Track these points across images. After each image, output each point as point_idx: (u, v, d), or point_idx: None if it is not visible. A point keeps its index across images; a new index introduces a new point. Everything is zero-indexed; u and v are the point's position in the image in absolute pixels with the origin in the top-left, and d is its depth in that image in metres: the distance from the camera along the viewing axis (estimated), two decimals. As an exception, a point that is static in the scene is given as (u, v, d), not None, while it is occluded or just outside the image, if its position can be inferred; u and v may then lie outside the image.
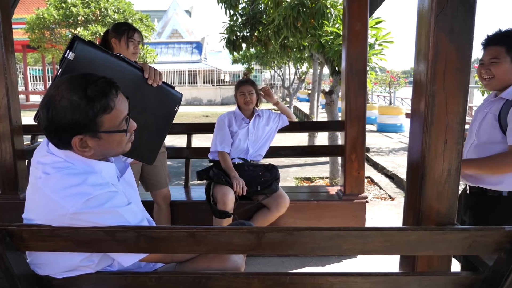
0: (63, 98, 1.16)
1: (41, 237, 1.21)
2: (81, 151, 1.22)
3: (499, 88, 1.80)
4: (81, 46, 1.41)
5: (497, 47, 1.75)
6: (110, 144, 1.26)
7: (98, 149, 1.25)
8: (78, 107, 1.16)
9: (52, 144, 1.24)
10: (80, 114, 1.16)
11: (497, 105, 1.77)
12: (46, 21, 9.81)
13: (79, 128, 1.18)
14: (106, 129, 1.22)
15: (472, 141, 1.88)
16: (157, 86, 1.63)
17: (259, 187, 2.81)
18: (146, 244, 1.22)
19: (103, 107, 1.19)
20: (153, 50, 11.31)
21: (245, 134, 2.98)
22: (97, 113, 1.18)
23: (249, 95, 2.99)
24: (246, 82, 3.05)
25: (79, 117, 1.16)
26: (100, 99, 1.18)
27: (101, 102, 1.18)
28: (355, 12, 2.94)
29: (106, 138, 1.24)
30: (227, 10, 5.01)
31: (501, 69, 1.75)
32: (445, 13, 1.35)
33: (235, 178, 2.75)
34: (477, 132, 1.84)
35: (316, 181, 5.64)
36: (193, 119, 14.89)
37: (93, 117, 1.18)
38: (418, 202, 1.51)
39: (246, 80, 3.09)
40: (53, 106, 1.16)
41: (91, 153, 1.24)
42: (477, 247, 1.22)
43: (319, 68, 7.67)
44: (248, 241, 1.21)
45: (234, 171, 2.80)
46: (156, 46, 21.90)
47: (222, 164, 2.87)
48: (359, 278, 1.31)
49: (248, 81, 3.07)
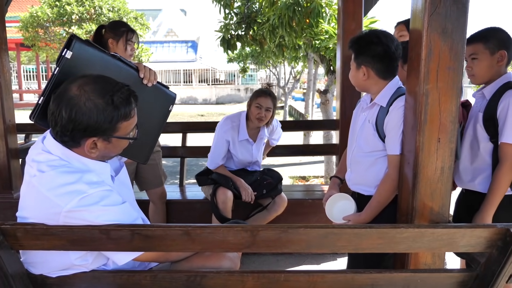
0: (89, 100, 1.18)
1: (35, 235, 1.21)
2: (89, 152, 1.25)
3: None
4: (78, 45, 1.41)
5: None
6: (115, 148, 1.30)
7: (103, 151, 1.28)
8: (104, 112, 1.19)
9: (60, 141, 1.24)
10: (104, 118, 1.20)
11: (374, 112, 1.76)
12: (40, 19, 9.74)
13: (98, 131, 1.21)
14: (120, 135, 1.26)
15: (353, 148, 1.86)
16: (152, 85, 1.63)
17: (264, 191, 2.75)
18: (140, 243, 1.22)
19: (125, 114, 1.23)
20: (148, 49, 11.26)
21: (247, 155, 2.85)
22: (118, 119, 1.22)
23: (265, 111, 2.66)
24: (269, 95, 2.67)
25: (103, 121, 1.20)
26: (124, 106, 1.23)
27: (124, 110, 1.23)
28: (350, 11, 2.96)
29: (115, 143, 1.27)
30: (222, 9, 5.01)
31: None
32: (438, 13, 1.37)
33: (243, 188, 2.66)
34: (358, 140, 1.83)
35: (311, 180, 5.66)
36: (188, 118, 14.87)
37: (115, 123, 1.22)
38: (411, 200, 1.52)
39: (269, 92, 2.69)
40: (78, 106, 1.18)
41: (96, 154, 1.26)
42: (469, 244, 1.23)
43: (314, 67, 7.69)
44: (243, 239, 1.22)
45: (239, 178, 2.72)
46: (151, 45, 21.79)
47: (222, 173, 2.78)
48: (353, 275, 1.32)
49: (270, 95, 2.68)
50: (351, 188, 1.91)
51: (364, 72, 1.72)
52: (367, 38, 1.72)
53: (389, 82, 1.73)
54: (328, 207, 1.89)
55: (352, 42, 1.76)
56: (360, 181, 1.85)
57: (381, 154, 1.75)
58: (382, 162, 1.75)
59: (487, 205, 1.72)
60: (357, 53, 1.74)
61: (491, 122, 1.74)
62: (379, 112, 1.74)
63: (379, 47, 1.68)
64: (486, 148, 1.78)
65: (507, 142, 1.68)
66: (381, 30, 1.77)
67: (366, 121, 1.80)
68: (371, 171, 1.79)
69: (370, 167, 1.79)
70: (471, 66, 1.80)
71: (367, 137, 1.78)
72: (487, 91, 1.80)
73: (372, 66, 1.71)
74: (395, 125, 1.65)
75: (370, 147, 1.78)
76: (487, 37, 1.77)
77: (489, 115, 1.75)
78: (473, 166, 1.84)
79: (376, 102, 1.75)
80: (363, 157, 1.81)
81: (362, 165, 1.82)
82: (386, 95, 1.73)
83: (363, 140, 1.81)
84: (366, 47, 1.70)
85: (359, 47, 1.72)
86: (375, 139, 1.74)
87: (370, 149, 1.77)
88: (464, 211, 1.93)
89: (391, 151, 1.68)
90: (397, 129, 1.65)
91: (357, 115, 1.93)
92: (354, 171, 1.88)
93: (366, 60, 1.71)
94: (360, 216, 1.77)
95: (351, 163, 1.90)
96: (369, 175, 1.80)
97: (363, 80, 1.75)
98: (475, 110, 1.86)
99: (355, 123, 1.91)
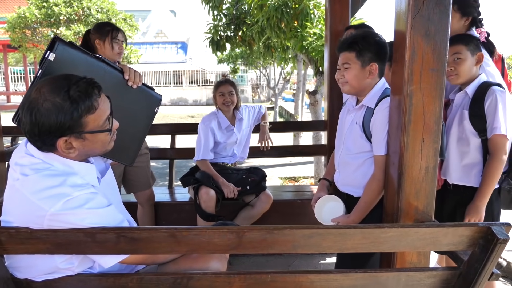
0: (46, 101, 1.16)
1: (19, 239, 1.20)
2: (66, 152, 1.23)
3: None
4: (61, 47, 1.40)
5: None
6: (94, 144, 1.27)
7: (82, 150, 1.25)
8: (62, 109, 1.16)
9: (35, 147, 1.23)
10: (64, 115, 1.17)
11: (361, 113, 1.79)
12: (27, 20, 9.65)
13: (64, 130, 1.18)
14: (91, 129, 1.23)
15: (341, 149, 1.89)
16: (137, 87, 1.63)
17: (248, 187, 2.78)
18: (126, 245, 1.22)
19: (87, 107, 1.19)
20: (137, 50, 11.22)
21: (231, 142, 2.94)
22: (81, 114, 1.19)
23: (229, 95, 2.87)
24: (226, 82, 2.92)
25: (64, 119, 1.17)
26: (84, 99, 1.19)
27: (85, 103, 1.19)
28: (337, 13, 2.98)
29: (90, 138, 1.24)
30: (211, 11, 5.01)
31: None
32: (421, 15, 1.39)
33: (224, 185, 2.71)
34: (346, 142, 1.86)
35: (301, 181, 5.68)
36: (178, 119, 14.80)
37: (77, 118, 1.19)
38: (397, 200, 1.54)
39: (225, 80, 2.95)
40: (37, 109, 1.16)
41: (75, 154, 1.24)
42: (452, 243, 1.25)
43: (304, 68, 7.72)
44: (229, 241, 1.22)
45: (221, 177, 2.77)
46: (140, 46, 21.67)
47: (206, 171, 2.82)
48: (339, 275, 1.33)
49: (227, 81, 2.93)
50: (340, 189, 1.93)
51: (372, 70, 1.73)
52: (373, 37, 1.75)
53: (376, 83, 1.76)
54: (317, 209, 1.90)
55: (357, 39, 1.74)
56: (348, 182, 1.87)
57: (369, 155, 1.76)
58: (370, 163, 1.77)
59: (481, 197, 1.81)
60: (365, 51, 1.72)
61: (478, 118, 1.81)
62: (366, 113, 1.76)
63: (385, 45, 1.74)
64: (476, 144, 1.85)
65: (499, 133, 1.76)
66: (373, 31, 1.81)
67: (354, 123, 1.81)
68: (359, 172, 1.80)
69: (358, 168, 1.81)
70: (454, 66, 1.85)
71: (355, 138, 1.80)
72: (470, 89, 1.87)
73: (379, 64, 1.74)
74: (380, 126, 1.67)
75: (357, 149, 1.79)
76: (467, 40, 1.86)
77: (475, 111, 1.82)
78: (463, 163, 1.90)
79: (364, 104, 1.77)
80: (351, 158, 1.83)
81: (350, 166, 1.84)
82: (374, 96, 1.74)
83: (351, 142, 1.82)
84: (376, 45, 1.73)
85: (368, 45, 1.72)
86: (363, 140, 1.76)
87: (358, 150, 1.79)
88: (451, 206, 1.98)
89: (377, 152, 1.70)
90: (382, 130, 1.67)
91: (343, 117, 1.95)
92: (342, 172, 1.89)
93: (374, 58, 1.72)
94: (349, 218, 1.79)
95: (339, 164, 1.91)
96: (357, 176, 1.81)
97: (367, 79, 1.74)
98: (456, 109, 1.92)
99: (342, 125, 1.93)
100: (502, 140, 1.77)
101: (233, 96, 2.89)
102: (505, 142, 1.77)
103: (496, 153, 1.79)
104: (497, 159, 1.78)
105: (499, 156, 1.78)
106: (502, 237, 1.16)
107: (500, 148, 1.78)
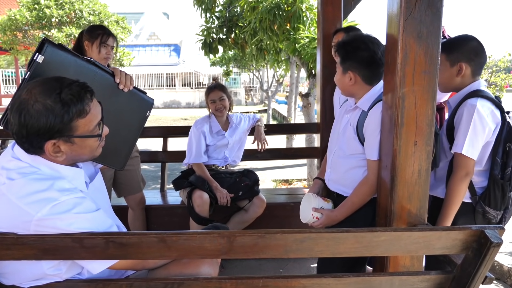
0: (36, 102, 1.14)
1: (5, 245, 1.17)
2: (54, 156, 1.20)
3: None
4: (50, 49, 1.38)
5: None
6: (82, 149, 1.24)
7: (70, 154, 1.23)
8: (53, 111, 1.14)
9: (22, 149, 1.21)
10: (55, 118, 1.14)
11: (355, 115, 1.77)
12: (18, 22, 9.54)
13: (53, 133, 1.16)
14: (80, 133, 1.21)
15: (334, 149, 1.88)
16: (128, 91, 1.61)
17: (240, 193, 2.76)
18: (115, 251, 1.19)
19: (78, 111, 1.17)
20: (130, 53, 11.13)
21: (222, 144, 2.93)
22: (72, 117, 1.17)
23: (220, 101, 2.84)
24: (215, 88, 2.88)
25: (54, 121, 1.15)
26: (75, 103, 1.17)
27: (76, 106, 1.17)
28: (329, 15, 2.98)
29: (79, 143, 1.22)
30: (203, 13, 5.00)
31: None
32: (413, 17, 1.38)
33: (218, 190, 2.70)
34: (340, 142, 1.85)
35: (294, 183, 5.67)
36: (171, 122, 14.75)
37: (68, 122, 1.16)
38: (390, 203, 1.53)
39: (214, 85, 2.91)
40: (26, 110, 1.14)
41: (63, 158, 1.22)
42: (446, 247, 1.24)
43: (297, 70, 7.72)
44: (220, 245, 1.20)
45: (215, 182, 2.75)
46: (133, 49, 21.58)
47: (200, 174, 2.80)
48: (331, 280, 1.31)
49: (216, 86, 2.89)
50: (330, 187, 1.92)
51: (350, 77, 1.73)
52: (354, 44, 1.72)
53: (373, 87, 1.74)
54: (303, 206, 1.88)
55: (339, 46, 1.75)
56: (339, 182, 1.86)
57: (361, 157, 1.75)
58: (362, 166, 1.76)
59: (445, 213, 1.74)
60: (344, 58, 1.73)
61: (452, 132, 1.76)
62: (361, 116, 1.75)
63: (365, 53, 1.68)
64: (449, 156, 1.79)
65: (459, 152, 1.68)
66: (367, 35, 1.77)
67: (348, 124, 1.81)
68: (350, 173, 1.79)
69: (350, 169, 1.80)
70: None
71: (348, 140, 1.79)
72: (453, 100, 1.82)
73: (358, 72, 1.71)
74: (373, 130, 1.66)
75: (350, 150, 1.78)
76: (451, 49, 1.77)
77: (450, 124, 1.77)
78: (438, 174, 1.86)
79: (358, 106, 1.76)
80: (343, 158, 1.82)
81: (342, 167, 1.83)
82: (369, 99, 1.73)
83: (344, 143, 1.82)
84: (353, 53, 1.70)
85: (346, 52, 1.72)
86: (356, 142, 1.75)
87: (351, 152, 1.78)
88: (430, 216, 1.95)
89: (369, 156, 1.69)
90: (375, 134, 1.65)
91: (340, 115, 1.94)
92: (334, 171, 1.88)
93: (352, 65, 1.71)
94: (332, 212, 1.78)
95: (331, 163, 1.90)
96: (348, 177, 1.80)
97: (350, 85, 1.75)
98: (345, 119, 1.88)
99: (338, 123, 1.92)
100: (462, 159, 1.68)
101: (224, 101, 2.87)
102: (465, 161, 1.68)
103: (455, 171, 1.71)
104: (457, 177, 1.69)
105: (458, 174, 1.69)
106: (495, 241, 1.15)
107: (459, 166, 1.69)
